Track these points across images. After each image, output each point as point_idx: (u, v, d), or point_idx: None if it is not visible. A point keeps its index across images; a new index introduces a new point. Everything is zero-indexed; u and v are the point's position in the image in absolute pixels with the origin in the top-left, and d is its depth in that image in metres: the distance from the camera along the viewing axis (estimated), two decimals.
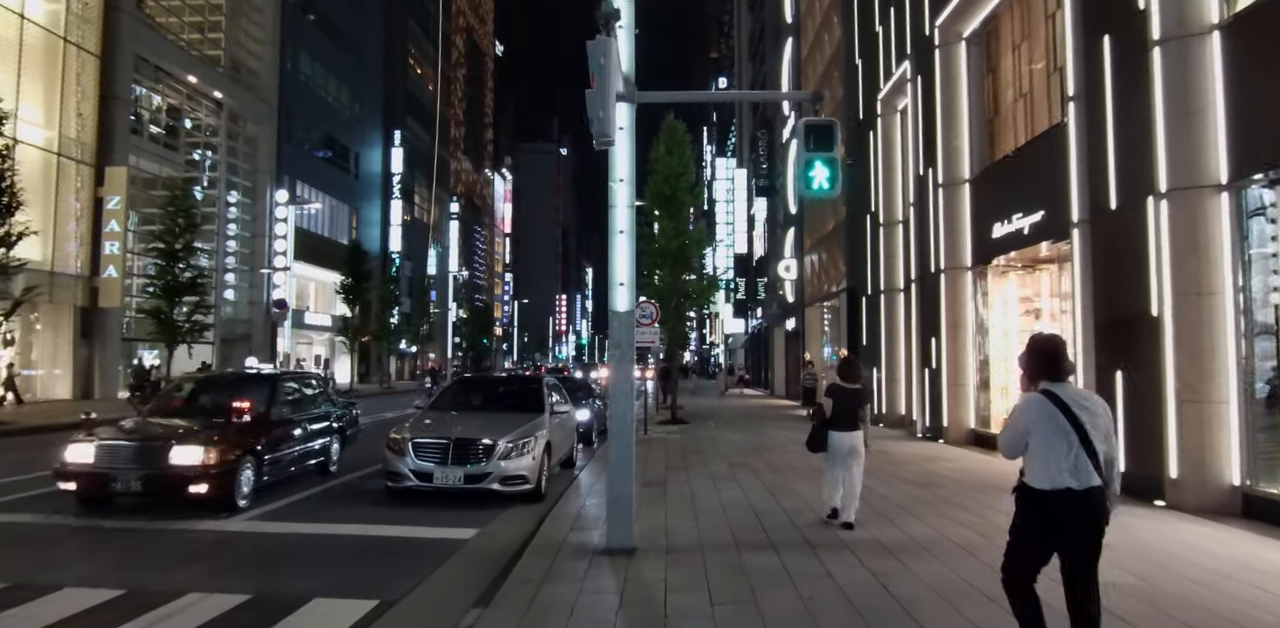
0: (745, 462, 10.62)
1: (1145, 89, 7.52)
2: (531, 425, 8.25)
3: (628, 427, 5.83)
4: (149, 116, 31.08)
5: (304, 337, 43.14)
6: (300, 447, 8.63)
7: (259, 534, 6.57)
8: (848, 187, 20.20)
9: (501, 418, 8.53)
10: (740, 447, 12.67)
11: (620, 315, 5.84)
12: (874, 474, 9.27)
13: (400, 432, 7.98)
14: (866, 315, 18.50)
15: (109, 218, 26.08)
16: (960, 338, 12.75)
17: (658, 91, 6.26)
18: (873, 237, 17.64)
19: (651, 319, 14.71)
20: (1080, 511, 3.15)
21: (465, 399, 9.51)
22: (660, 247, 17.26)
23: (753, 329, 45.04)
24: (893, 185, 16.70)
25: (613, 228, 5.86)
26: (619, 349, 5.83)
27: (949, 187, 13.01)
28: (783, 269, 27.72)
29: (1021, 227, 10.71)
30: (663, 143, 17.51)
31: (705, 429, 15.96)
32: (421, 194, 61.27)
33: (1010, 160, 11.50)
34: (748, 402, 28.44)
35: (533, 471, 7.84)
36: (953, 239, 12.94)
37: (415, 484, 7.61)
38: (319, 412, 9.37)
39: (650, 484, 8.64)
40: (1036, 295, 12.44)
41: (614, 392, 5.83)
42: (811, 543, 5.94)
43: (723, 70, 70.74)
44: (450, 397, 9.53)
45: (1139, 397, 7.83)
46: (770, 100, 31.24)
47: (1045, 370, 3.30)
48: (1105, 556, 3.29)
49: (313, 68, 41.92)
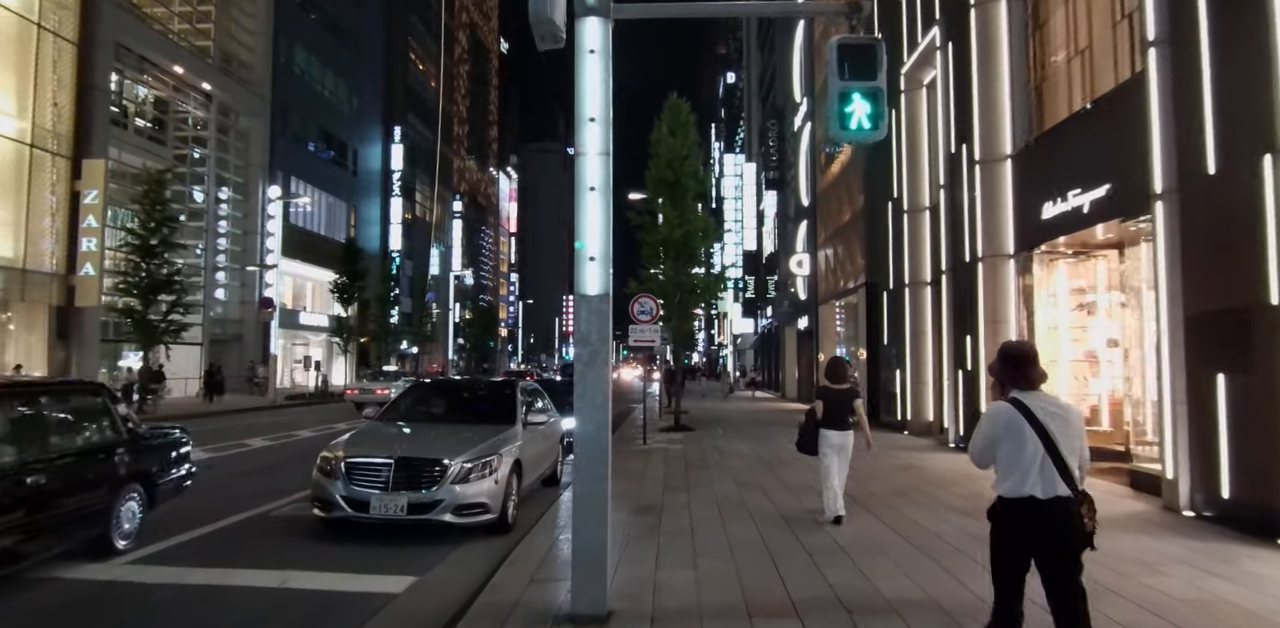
0: (756, 480, 9.10)
1: (1262, 19, 5.98)
2: (496, 441, 6.78)
3: (601, 450, 4.34)
4: (135, 109, 29.87)
5: (299, 338, 41.88)
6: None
7: (132, 586, 5.12)
8: (867, 173, 18.66)
9: (461, 431, 7.06)
10: (750, 460, 11.15)
11: (590, 301, 4.36)
12: (913, 499, 7.76)
13: (334, 449, 6.53)
14: (888, 312, 16.95)
15: (86, 213, 24.74)
16: (1001, 335, 11.17)
17: (643, 3, 4.76)
18: (895, 226, 16.09)
19: (651, 316, 13.23)
20: (1044, 520, 3.08)
21: (422, 408, 8.02)
22: (662, 237, 15.76)
23: (762, 329, 43.46)
24: (918, 168, 15.15)
25: (580, 183, 4.38)
26: (588, 347, 4.35)
27: (987, 164, 11.46)
28: (795, 264, 26.17)
29: (1079, 204, 9.15)
30: (665, 123, 16.03)
31: (711, 437, 14.46)
32: (423, 192, 60.00)
33: (1065, 128, 9.94)
34: (757, 406, 26.89)
35: (495, 497, 6.37)
36: (992, 223, 11.39)
37: (349, 515, 6.15)
38: (82, 445, 5.61)
39: (643, 511, 7.15)
40: (1090, 287, 10.88)
41: (581, 404, 4.35)
42: (848, 606, 4.44)
43: (730, 65, 69.43)
44: (405, 405, 8.02)
45: (1250, 407, 6.28)
46: (792, 14, 29.62)
47: (1016, 378, 3.23)
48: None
49: (308, 61, 40.67)
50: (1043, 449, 3.07)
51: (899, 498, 7.89)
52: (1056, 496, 3.06)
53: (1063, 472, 3.07)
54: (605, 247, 4.35)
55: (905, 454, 11.69)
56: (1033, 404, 3.14)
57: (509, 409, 7.60)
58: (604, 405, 4.33)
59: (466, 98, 74.49)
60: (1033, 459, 3.08)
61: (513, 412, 7.58)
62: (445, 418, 7.81)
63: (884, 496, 8.06)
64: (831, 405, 6.61)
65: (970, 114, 11.80)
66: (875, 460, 10.93)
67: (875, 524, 6.62)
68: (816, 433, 6.64)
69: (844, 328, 23.58)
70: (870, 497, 7.93)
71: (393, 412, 7.86)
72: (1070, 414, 3.18)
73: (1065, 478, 3.07)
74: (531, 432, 7.61)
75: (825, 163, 23.23)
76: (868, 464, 10.34)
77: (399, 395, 8.36)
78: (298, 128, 39.59)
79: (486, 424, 7.28)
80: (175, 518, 6.68)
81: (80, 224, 24.79)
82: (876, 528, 6.49)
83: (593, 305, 4.35)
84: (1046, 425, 3.08)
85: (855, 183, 20.12)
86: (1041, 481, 3.07)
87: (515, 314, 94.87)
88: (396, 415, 7.77)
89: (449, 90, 67.18)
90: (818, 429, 6.64)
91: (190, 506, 7.07)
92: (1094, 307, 10.89)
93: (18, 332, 24.41)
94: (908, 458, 11.27)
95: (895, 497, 7.99)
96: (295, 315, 40.19)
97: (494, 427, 7.18)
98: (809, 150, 26.21)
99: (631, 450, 12.11)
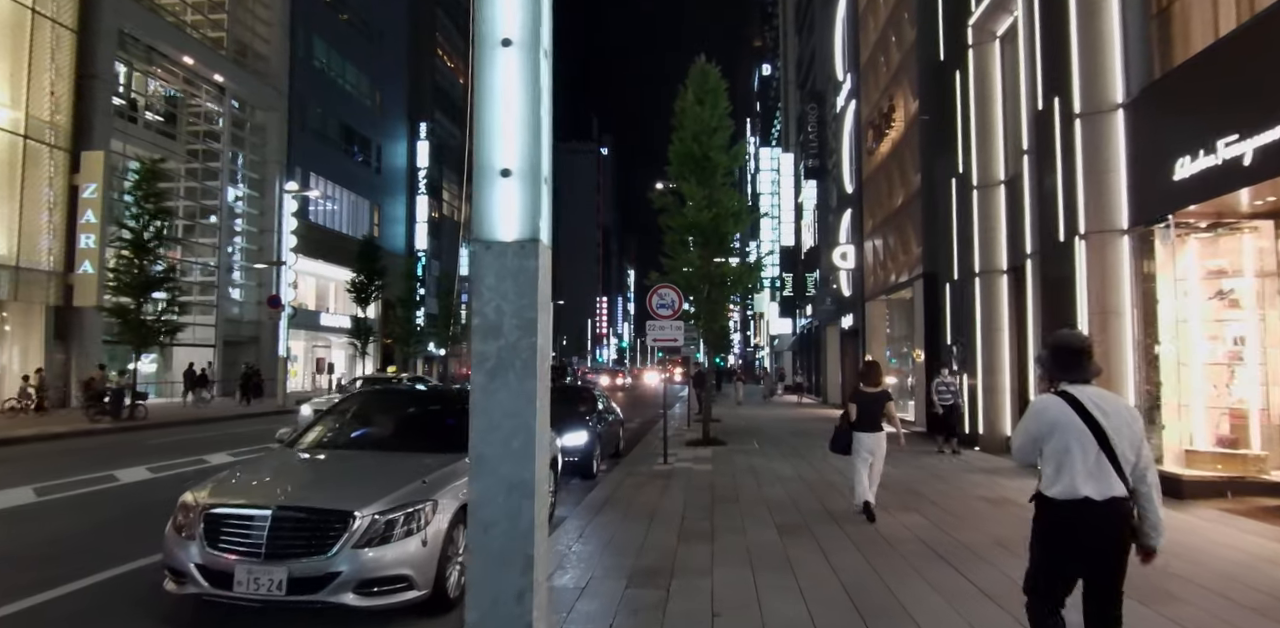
0: (804, 523, 6.94)
1: None
2: (436, 478, 4.77)
3: (521, 548, 2.27)
4: (145, 101, 28.80)
5: (321, 339, 40.68)
6: None
7: None
8: (924, 149, 16.34)
9: (394, 464, 5.08)
10: (793, 488, 8.98)
11: (500, 253, 2.31)
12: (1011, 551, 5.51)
13: (198, 491, 4.58)
14: (951, 307, 14.60)
15: (85, 208, 23.58)
16: (1112, 329, 8.86)
17: None
18: (961, 207, 13.76)
19: (673, 310, 11.14)
20: (1100, 523, 2.83)
21: (354, 429, 6.03)
22: (689, 220, 13.63)
23: (801, 329, 40.99)
24: (991, 135, 12.82)
25: (485, 36, 2.34)
26: (496, 343, 2.30)
27: (1091, 117, 9.15)
28: (838, 257, 23.77)
29: (1239, 154, 6.84)
30: (690, 91, 13.91)
31: (746, 454, 12.30)
32: (451, 191, 58.80)
33: (1212, 57, 7.62)
34: (798, 412, 24.56)
35: (425, 564, 4.36)
36: (1097, 192, 9.07)
37: (206, 591, 4.19)
38: None
39: (645, 577, 5.08)
40: (1235, 270, 8.50)
41: (480, 465, 2.31)
42: None
43: (766, 57, 67.39)
44: (329, 425, 6.01)
45: None
46: None
47: (1066, 371, 2.99)
48: None
49: (328, 54, 39.46)
50: (1096, 446, 2.85)
51: (1005, 554, 5.68)
52: (1113, 496, 2.83)
53: (1118, 469, 2.84)
54: (534, 154, 2.30)
55: (988, 482, 9.41)
56: (1083, 397, 2.91)
57: (460, 431, 5.58)
58: (526, 458, 2.27)
59: None
60: (1085, 457, 2.85)
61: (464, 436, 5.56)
62: (382, 443, 5.81)
63: (984, 549, 5.86)
64: (865, 408, 6.86)
65: (1067, 58, 9.49)
66: (954, 489, 8.72)
67: (991, 611, 4.44)
68: (850, 435, 6.92)
69: (895, 326, 21.19)
70: (966, 553, 5.73)
71: (311, 433, 5.86)
72: (1120, 410, 2.93)
73: (1120, 476, 2.85)
74: None
75: (873, 141, 20.87)
76: (946, 497, 8.13)
77: (324, 411, 6.34)
78: (317, 123, 38.38)
79: (435, 453, 5.28)
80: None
81: (79, 220, 23.63)
82: (994, 617, 4.31)
83: (508, 261, 2.29)
84: (1099, 420, 2.85)
85: (909, 161, 17.77)
86: (1096, 480, 2.84)
87: None
88: (315, 439, 5.78)
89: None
90: (851, 431, 6.91)
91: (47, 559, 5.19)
92: (1236, 295, 8.50)
93: (14, 333, 23.29)
94: (993, 487, 8.99)
95: (1000, 552, 5.78)
96: (316, 317, 38.97)
97: (443, 456, 5.18)
98: (853, 131, 23.84)
99: (648, 473, 10.03)
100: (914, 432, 16.60)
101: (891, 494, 7.99)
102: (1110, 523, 2.82)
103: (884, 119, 19.32)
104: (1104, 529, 2.82)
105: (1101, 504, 2.80)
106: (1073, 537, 2.85)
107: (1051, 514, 2.89)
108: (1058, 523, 2.87)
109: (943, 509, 7.49)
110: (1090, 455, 2.83)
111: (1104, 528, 2.82)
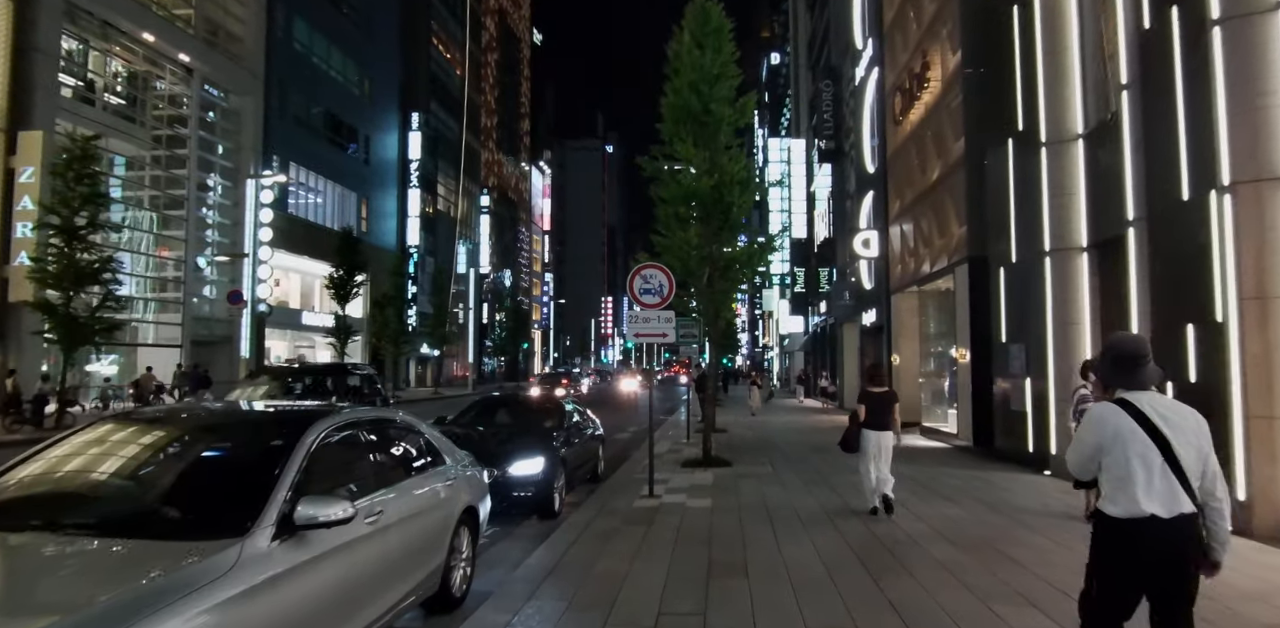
0: (855, 622, 4.38)
1: None
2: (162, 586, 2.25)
3: None
4: (104, 83, 26.49)
5: (304, 339, 38.36)
6: None
7: None
8: (968, 107, 13.76)
9: (103, 556, 2.58)
10: (828, 542, 6.41)
11: None
12: None
13: None
14: (1007, 296, 12.00)
15: (21, 193, 21.27)
16: (1273, 318, 6.29)
17: None
18: (1024, 171, 11.16)
19: (662, 297, 8.61)
20: (1167, 543, 2.55)
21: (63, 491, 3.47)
22: (686, 188, 11.07)
23: (814, 328, 38.34)
24: (1065, 78, 10.20)
25: None
26: None
27: (1233, 23, 6.59)
28: (860, 244, 21.13)
29: None
30: (687, 32, 11.37)
31: (756, 480, 9.72)
32: (447, 186, 56.37)
33: None
34: (814, 420, 21.92)
35: None
36: (1244, 126, 6.51)
37: None
38: None
39: None
40: None
41: None
42: None
43: (774, 46, 65.14)
44: (23, 483, 3.40)
45: None
46: None
47: (1124, 376, 2.73)
48: None
49: (311, 37, 37.12)
50: (1160, 458, 2.59)
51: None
52: (1181, 513, 2.57)
53: (1184, 483, 2.58)
54: None
55: (1073, 530, 6.81)
56: (1144, 405, 2.65)
57: (263, 489, 3.03)
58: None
59: (495, 88, 70.88)
60: (1149, 471, 2.59)
61: (266, 494, 3.02)
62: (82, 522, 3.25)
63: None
64: (872, 408, 7.22)
65: None
66: (1023, 537, 6.16)
67: None
68: (859, 434, 7.24)
69: (928, 322, 18.59)
70: None
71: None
72: (1187, 419, 2.65)
73: (1188, 491, 2.58)
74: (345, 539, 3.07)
75: (900, 111, 18.28)
76: (1031, 554, 5.56)
77: (31, 451, 3.76)
78: (299, 110, 36.07)
79: (171, 540, 2.78)
80: None
81: (14, 207, 21.33)
82: None
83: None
84: (1162, 429, 2.61)
85: (948, 126, 15.17)
86: (1163, 496, 2.57)
87: (549, 315, 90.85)
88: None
89: (476, 79, 63.64)
90: (860, 430, 7.24)
91: None
92: None
93: None
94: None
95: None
96: (297, 315, 36.68)
97: (200, 543, 2.67)
98: (875, 104, 21.24)
99: (626, 512, 7.48)
100: (957, 446, 14.00)
101: (967, 545, 5.42)
102: (1179, 543, 2.55)
103: (915, 81, 16.74)
104: (1172, 550, 2.55)
105: (1169, 523, 2.54)
106: (1136, 559, 2.58)
107: (1113, 535, 2.63)
108: (1120, 544, 2.61)
109: (1029, 589, 4.92)
110: (1154, 469, 2.58)
111: (1172, 549, 2.55)
